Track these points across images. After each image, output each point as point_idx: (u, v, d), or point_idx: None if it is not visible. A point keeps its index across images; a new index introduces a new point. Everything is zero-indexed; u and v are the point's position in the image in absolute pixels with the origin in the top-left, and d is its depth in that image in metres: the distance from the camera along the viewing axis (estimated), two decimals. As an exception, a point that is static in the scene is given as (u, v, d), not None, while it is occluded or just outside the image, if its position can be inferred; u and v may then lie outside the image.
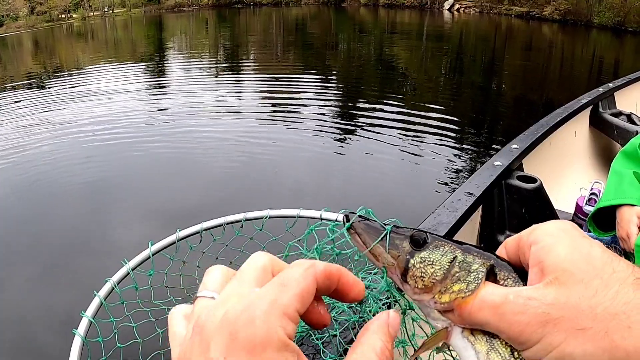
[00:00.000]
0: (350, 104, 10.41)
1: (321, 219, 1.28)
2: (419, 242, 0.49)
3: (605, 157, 4.07)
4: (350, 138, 7.97)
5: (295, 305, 0.39)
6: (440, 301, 0.46)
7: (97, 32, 34.44)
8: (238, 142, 7.61)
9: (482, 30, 28.93)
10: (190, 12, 44.58)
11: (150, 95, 11.24)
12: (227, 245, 1.38)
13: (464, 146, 7.57)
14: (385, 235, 0.50)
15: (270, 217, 1.34)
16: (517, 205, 2.37)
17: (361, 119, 9.00)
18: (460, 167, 6.62)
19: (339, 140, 7.85)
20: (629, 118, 4.18)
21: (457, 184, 6.03)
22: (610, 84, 4.43)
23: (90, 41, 29.48)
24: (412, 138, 7.76)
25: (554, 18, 31.49)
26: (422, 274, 0.47)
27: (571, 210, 2.65)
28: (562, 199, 2.91)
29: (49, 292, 4.25)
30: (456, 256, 0.46)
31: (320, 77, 13.54)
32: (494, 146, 7.65)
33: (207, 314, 0.39)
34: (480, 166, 2.54)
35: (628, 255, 1.69)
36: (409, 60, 17.50)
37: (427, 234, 0.49)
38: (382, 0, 44.40)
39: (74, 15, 45.93)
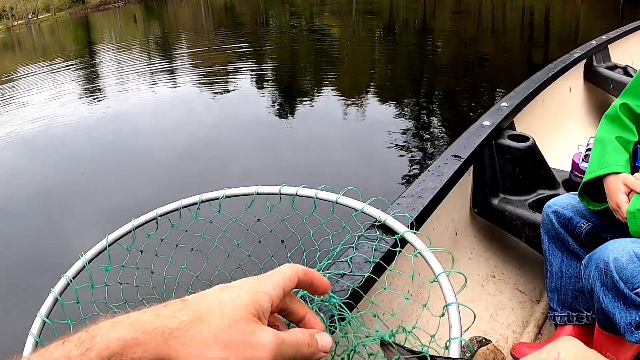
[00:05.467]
0: (289, 78, 10.28)
1: (280, 194, 1.16)
2: None
3: (601, 112, 3.88)
4: (294, 111, 7.80)
5: (268, 289, 0.58)
6: None
7: (24, 40, 33.04)
8: (180, 127, 7.39)
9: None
10: (117, 8, 42.96)
11: (85, 93, 10.84)
12: (186, 231, 1.28)
13: (405, 109, 7.40)
14: None
15: (226, 197, 1.22)
16: (510, 166, 2.22)
17: (302, 91, 8.89)
18: (403, 131, 6.43)
19: (282, 114, 7.70)
20: (625, 71, 4.01)
21: (406, 147, 5.90)
22: (604, 37, 4.25)
23: (18, 50, 28.24)
24: (353, 106, 7.64)
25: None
26: None
27: (567, 168, 2.51)
28: (558, 157, 2.77)
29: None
30: None
31: (255, 54, 13.33)
32: (434, 106, 7.59)
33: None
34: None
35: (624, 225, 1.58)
36: (342, 30, 17.43)
37: None
38: (309, -26, 43.85)
39: (-2, 27, 44.52)
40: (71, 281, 1.12)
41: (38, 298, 1.12)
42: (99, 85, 11.48)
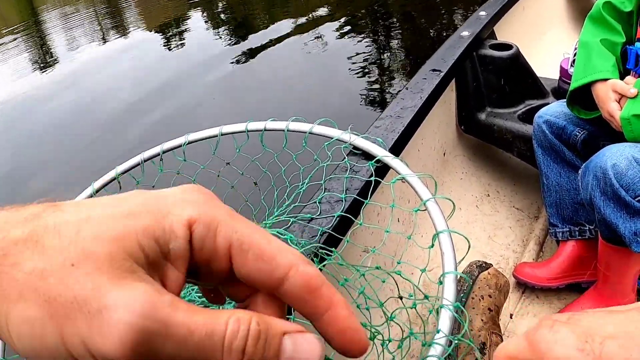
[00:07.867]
0: (242, 12, 9.79)
1: (247, 131, 1.05)
2: None
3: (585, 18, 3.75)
4: (252, 48, 7.39)
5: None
6: None
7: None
8: (136, 79, 6.98)
9: None
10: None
11: (38, 63, 10.40)
12: (153, 187, 1.17)
13: (368, 31, 6.95)
14: None
15: (189, 143, 1.11)
16: (494, 76, 2.10)
17: (258, 26, 8.43)
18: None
19: (240, 53, 7.26)
20: (607, -28, 3.83)
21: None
22: None
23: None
24: (313, 34, 7.21)
25: None
26: None
27: (555, 75, 2.39)
28: (544, 65, 2.64)
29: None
30: None
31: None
32: (397, 26, 7.15)
33: None
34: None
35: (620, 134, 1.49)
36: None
37: None
38: None
39: None
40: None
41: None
42: (50, 51, 11.01)
